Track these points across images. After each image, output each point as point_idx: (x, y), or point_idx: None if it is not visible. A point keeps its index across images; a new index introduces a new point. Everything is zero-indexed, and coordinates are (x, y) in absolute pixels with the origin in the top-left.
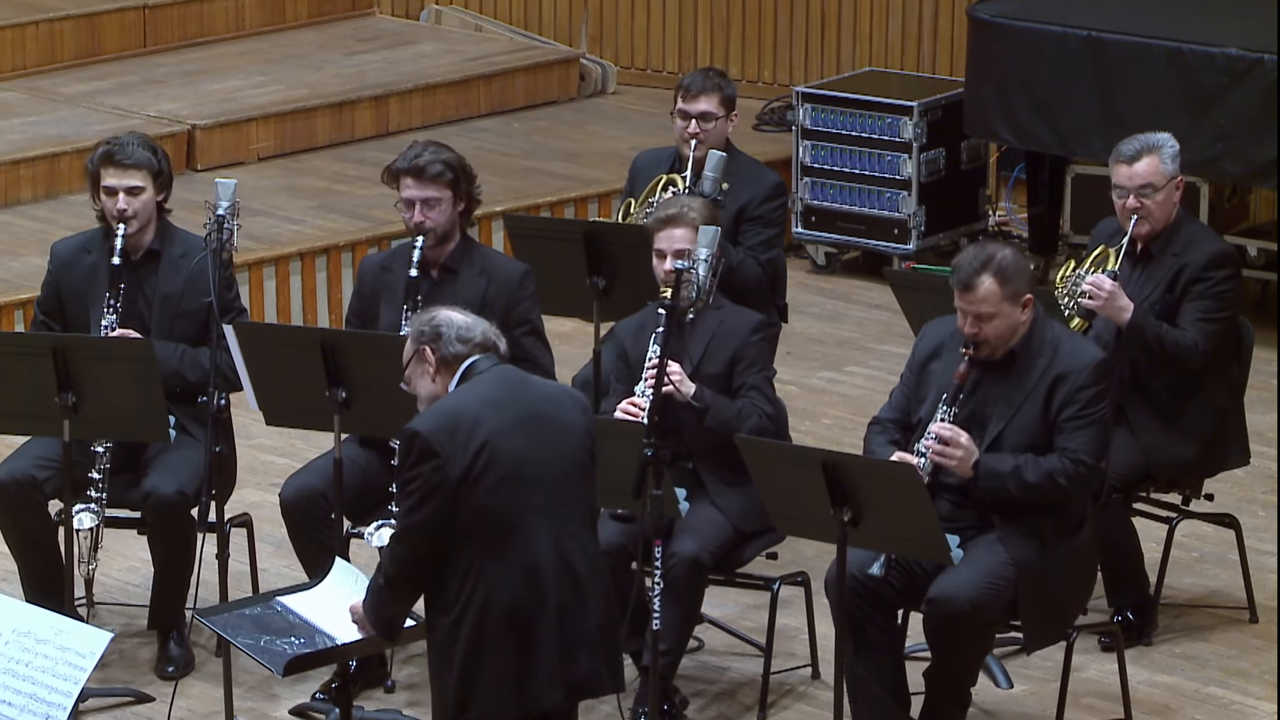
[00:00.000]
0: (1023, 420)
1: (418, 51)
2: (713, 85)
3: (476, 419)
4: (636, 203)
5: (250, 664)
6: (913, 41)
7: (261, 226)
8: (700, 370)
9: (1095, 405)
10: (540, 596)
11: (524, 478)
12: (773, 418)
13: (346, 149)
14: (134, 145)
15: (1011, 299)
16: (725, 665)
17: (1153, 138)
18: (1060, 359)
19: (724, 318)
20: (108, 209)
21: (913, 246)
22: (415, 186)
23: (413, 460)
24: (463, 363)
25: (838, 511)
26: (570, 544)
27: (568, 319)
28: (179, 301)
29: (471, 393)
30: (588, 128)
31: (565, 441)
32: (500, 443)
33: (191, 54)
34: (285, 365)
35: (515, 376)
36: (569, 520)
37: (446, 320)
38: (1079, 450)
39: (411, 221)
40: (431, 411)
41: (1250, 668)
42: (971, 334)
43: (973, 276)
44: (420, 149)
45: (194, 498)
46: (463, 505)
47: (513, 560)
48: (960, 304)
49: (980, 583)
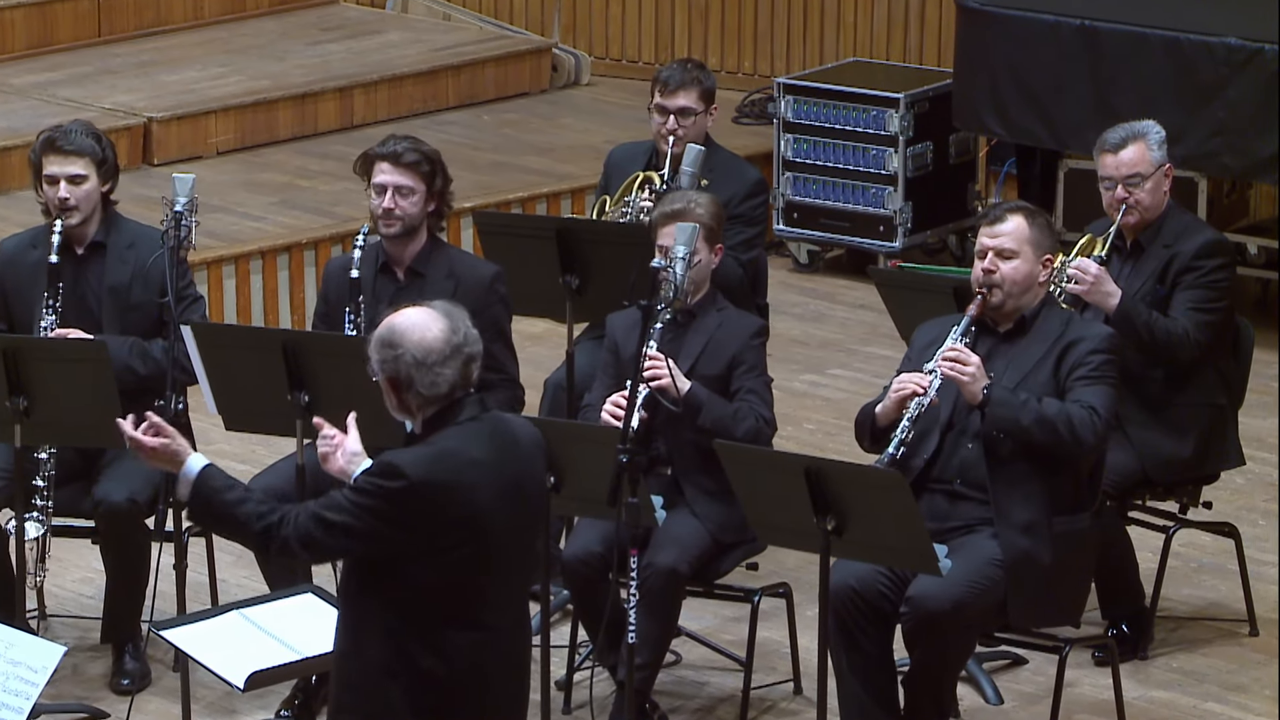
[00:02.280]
0: (1031, 386)
1: (383, 41)
2: (692, 79)
3: (467, 483)
4: (612, 200)
5: (209, 679)
6: (899, 30)
7: (221, 224)
8: (697, 371)
9: (1106, 369)
10: (497, 666)
11: (497, 549)
12: (769, 422)
13: (309, 143)
14: (77, 132)
15: (1034, 245)
16: (704, 680)
17: (1138, 125)
18: (1073, 330)
19: (724, 319)
20: (49, 199)
21: (899, 244)
22: (390, 172)
23: (388, 496)
24: (434, 407)
25: (820, 520)
26: (521, 606)
27: (539, 320)
28: (128, 294)
29: (467, 449)
30: (560, 121)
31: (531, 510)
32: (483, 514)
33: (148, 44)
34: (246, 368)
35: (505, 431)
36: (521, 581)
37: (411, 360)
38: (1092, 402)
39: (380, 208)
40: (425, 459)
41: (1250, 683)
42: (989, 271)
43: (1004, 211)
44: (400, 139)
45: (147, 505)
46: (424, 567)
47: (474, 628)
48: (983, 240)
49: (963, 581)
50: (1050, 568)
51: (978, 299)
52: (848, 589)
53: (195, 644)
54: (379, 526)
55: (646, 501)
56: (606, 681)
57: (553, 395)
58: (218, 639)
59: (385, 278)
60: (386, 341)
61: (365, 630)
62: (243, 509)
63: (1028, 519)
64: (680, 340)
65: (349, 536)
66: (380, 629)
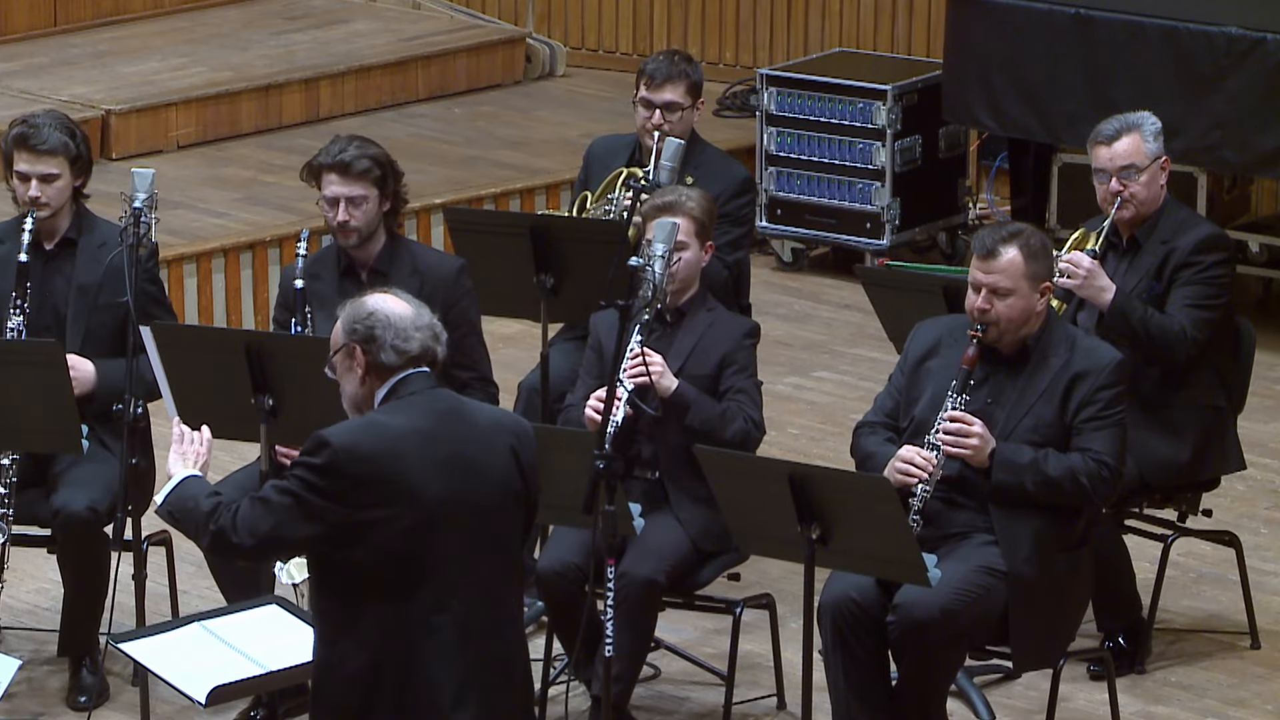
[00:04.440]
0: (1037, 419)
1: (351, 31)
2: (679, 72)
3: (397, 452)
4: (593, 197)
5: (169, 693)
6: (886, 20)
7: (181, 220)
8: (686, 371)
9: (1115, 406)
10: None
11: (437, 525)
12: (758, 424)
13: (274, 136)
14: (50, 128)
15: (1031, 279)
16: (684, 695)
17: (1132, 116)
18: (1079, 357)
19: (715, 319)
20: (19, 194)
21: (886, 242)
22: (340, 183)
23: (316, 469)
24: (395, 374)
25: (805, 528)
26: (482, 599)
27: (513, 320)
28: (96, 294)
29: (399, 419)
30: (535, 113)
31: (488, 489)
32: (417, 483)
33: (106, 33)
34: (207, 370)
35: (451, 407)
36: (484, 572)
37: (384, 320)
38: (1102, 452)
39: (335, 221)
40: (353, 428)
41: (1251, 698)
42: (982, 310)
43: (998, 244)
44: (344, 144)
45: (107, 514)
46: (363, 543)
47: (417, 612)
48: (977, 274)
49: (954, 588)
50: (1054, 606)
51: (974, 343)
52: (848, 600)
53: (155, 657)
54: (312, 500)
55: (624, 509)
56: (583, 696)
57: (526, 399)
58: (178, 652)
59: (349, 281)
60: (357, 314)
61: (332, 634)
62: (202, 501)
63: (1031, 556)
64: (669, 340)
65: (286, 513)
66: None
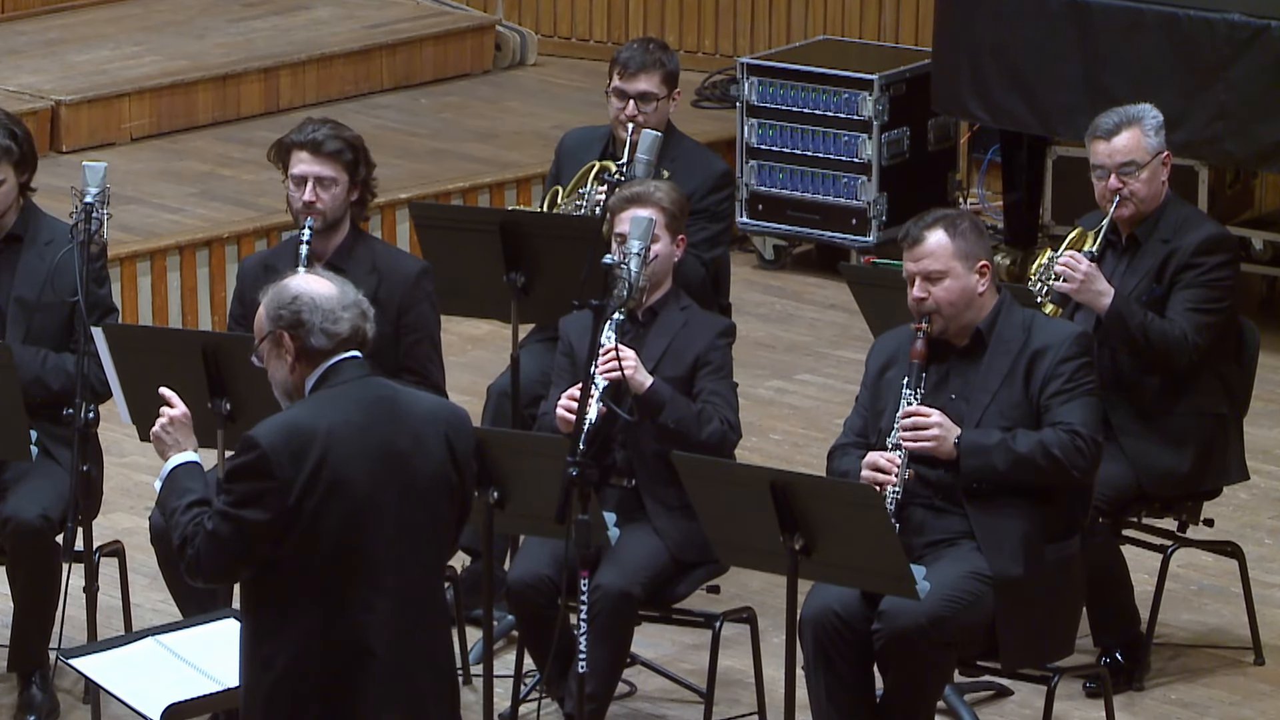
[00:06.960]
0: (1002, 405)
1: (312, 18)
2: (654, 61)
3: (326, 445)
4: (565, 191)
5: (122, 711)
6: (873, 6)
7: (135, 216)
8: (659, 373)
9: (1081, 376)
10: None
11: (366, 520)
12: (734, 427)
13: (231, 128)
14: None
15: (963, 259)
16: (661, 713)
17: (1132, 109)
18: (1037, 335)
19: (689, 318)
20: None
21: (873, 238)
22: (310, 162)
23: (244, 471)
24: (326, 359)
25: (788, 539)
26: (412, 598)
27: (483, 321)
28: (39, 294)
29: (328, 411)
30: (505, 104)
31: (420, 484)
32: (345, 476)
33: (55, 20)
34: (162, 373)
35: (382, 397)
36: (414, 569)
37: (310, 303)
38: (1072, 422)
39: (300, 201)
40: (279, 424)
41: (1255, 716)
42: (919, 300)
43: (922, 230)
44: (318, 125)
45: (60, 523)
46: (292, 538)
47: (347, 609)
48: (908, 265)
49: (942, 594)
50: (1043, 602)
51: (920, 336)
52: (830, 613)
53: (107, 673)
54: (251, 517)
55: (598, 519)
56: (555, 714)
57: (496, 403)
58: (132, 668)
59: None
60: (280, 298)
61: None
62: (180, 516)
63: (1015, 551)
64: (641, 340)
65: (235, 544)
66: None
